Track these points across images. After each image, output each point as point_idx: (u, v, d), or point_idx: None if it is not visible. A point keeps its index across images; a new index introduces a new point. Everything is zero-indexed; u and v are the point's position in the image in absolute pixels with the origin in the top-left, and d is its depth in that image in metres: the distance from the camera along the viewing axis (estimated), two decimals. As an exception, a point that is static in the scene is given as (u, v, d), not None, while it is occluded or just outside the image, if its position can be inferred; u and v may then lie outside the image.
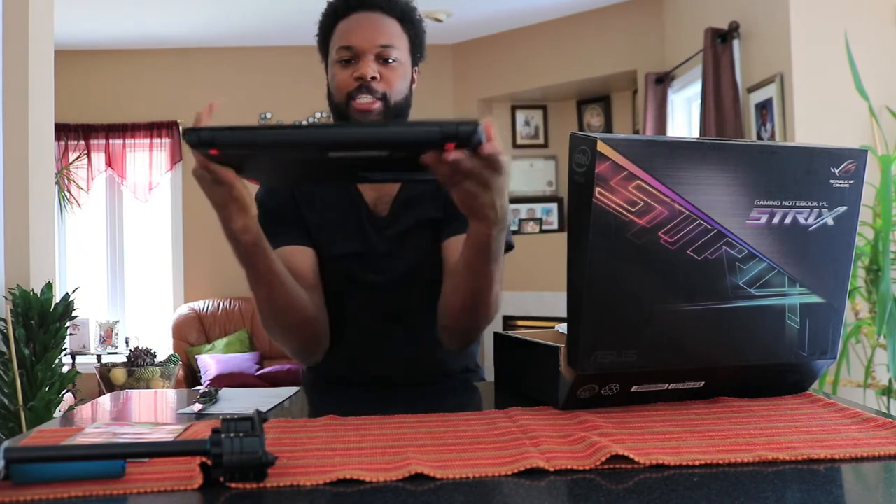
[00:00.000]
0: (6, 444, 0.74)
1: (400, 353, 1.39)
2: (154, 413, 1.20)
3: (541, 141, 5.83)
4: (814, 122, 3.29)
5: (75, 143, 5.66)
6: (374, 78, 1.31)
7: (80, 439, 0.90)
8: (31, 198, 2.99)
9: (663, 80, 4.61)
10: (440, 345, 1.38)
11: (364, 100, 1.30)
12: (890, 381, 2.81)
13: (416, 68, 1.42)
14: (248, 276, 1.16)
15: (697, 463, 0.74)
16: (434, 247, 1.37)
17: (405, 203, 1.41)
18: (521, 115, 5.83)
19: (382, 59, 1.32)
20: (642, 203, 0.91)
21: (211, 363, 4.92)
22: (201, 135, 0.88)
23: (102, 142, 5.70)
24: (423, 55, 1.43)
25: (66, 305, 2.90)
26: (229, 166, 0.96)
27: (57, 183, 5.29)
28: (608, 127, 5.55)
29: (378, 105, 1.31)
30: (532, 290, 5.49)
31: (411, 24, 1.38)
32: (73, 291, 2.99)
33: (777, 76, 3.39)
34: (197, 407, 1.13)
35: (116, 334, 5.46)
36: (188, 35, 5.51)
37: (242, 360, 4.94)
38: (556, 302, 5.32)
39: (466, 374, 1.47)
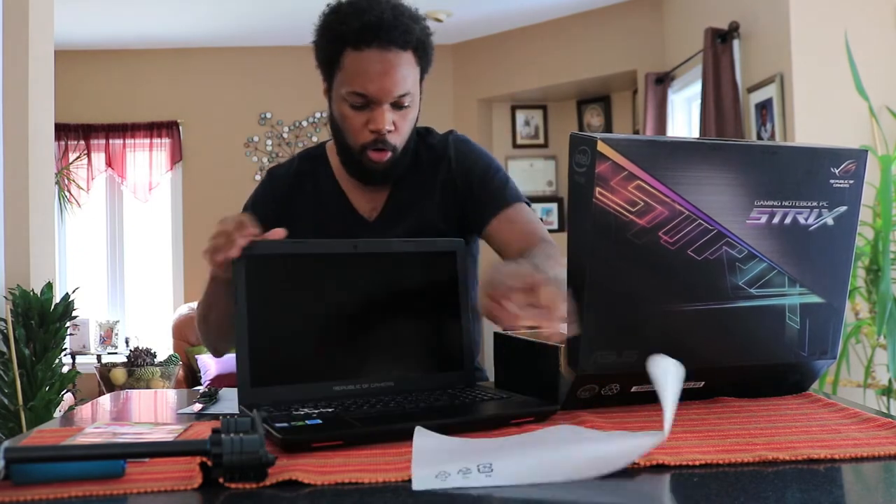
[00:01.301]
0: (6, 444, 0.74)
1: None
2: (154, 413, 1.20)
3: (541, 141, 5.83)
4: (814, 122, 3.28)
5: (75, 143, 5.65)
6: (389, 131, 1.30)
7: (80, 439, 0.90)
8: (31, 198, 2.99)
9: (663, 80, 4.61)
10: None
11: (378, 154, 1.32)
12: (890, 381, 2.81)
13: (423, 81, 1.38)
14: (211, 288, 1.25)
15: (697, 463, 0.74)
16: None
17: (397, 208, 1.41)
18: (521, 115, 5.83)
19: (397, 107, 1.30)
20: (642, 203, 0.91)
21: (211, 363, 4.92)
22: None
23: (102, 142, 5.70)
24: (431, 66, 1.38)
25: (66, 305, 2.90)
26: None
27: (57, 183, 5.29)
28: (608, 127, 5.55)
29: (389, 156, 1.33)
30: (532, 290, 5.48)
31: (424, 51, 1.32)
32: (73, 291, 2.99)
33: (777, 76, 3.39)
34: (197, 407, 1.13)
35: (116, 334, 5.46)
36: (188, 35, 5.51)
37: (242, 360, 4.93)
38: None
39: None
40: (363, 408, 0.96)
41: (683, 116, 4.72)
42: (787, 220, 0.98)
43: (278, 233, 1.06)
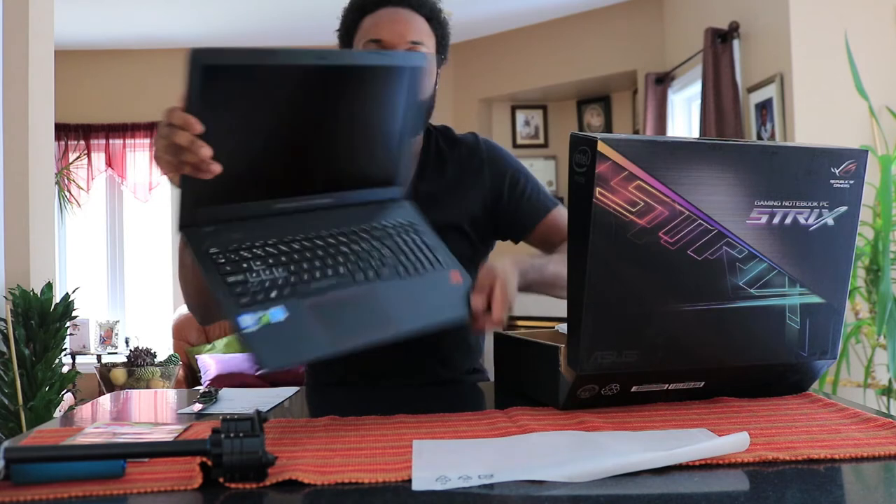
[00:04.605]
0: (6, 444, 0.74)
1: (401, 356, 1.38)
2: (154, 413, 1.20)
3: (541, 141, 5.83)
4: (814, 122, 3.28)
5: (75, 143, 5.65)
6: None
7: (80, 439, 0.90)
8: (31, 198, 2.99)
9: (663, 80, 4.60)
10: (444, 347, 1.38)
11: None
12: (890, 381, 2.81)
13: (439, 71, 1.42)
14: None
15: (698, 463, 0.74)
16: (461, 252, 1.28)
17: (417, 202, 1.40)
18: (521, 115, 5.83)
19: None
20: (643, 203, 0.91)
21: (211, 363, 4.92)
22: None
23: (102, 142, 5.70)
24: (447, 57, 1.42)
25: (66, 305, 2.90)
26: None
27: (57, 183, 5.29)
28: (608, 127, 5.55)
29: None
30: (532, 290, 5.48)
31: (439, 24, 1.38)
32: (73, 291, 2.99)
33: (777, 76, 3.39)
34: (197, 407, 1.13)
35: (116, 334, 5.46)
36: (188, 35, 5.50)
37: (242, 360, 4.93)
38: (556, 302, 5.30)
39: (472, 376, 1.47)
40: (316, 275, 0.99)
41: (683, 116, 4.72)
42: (788, 221, 0.98)
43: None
